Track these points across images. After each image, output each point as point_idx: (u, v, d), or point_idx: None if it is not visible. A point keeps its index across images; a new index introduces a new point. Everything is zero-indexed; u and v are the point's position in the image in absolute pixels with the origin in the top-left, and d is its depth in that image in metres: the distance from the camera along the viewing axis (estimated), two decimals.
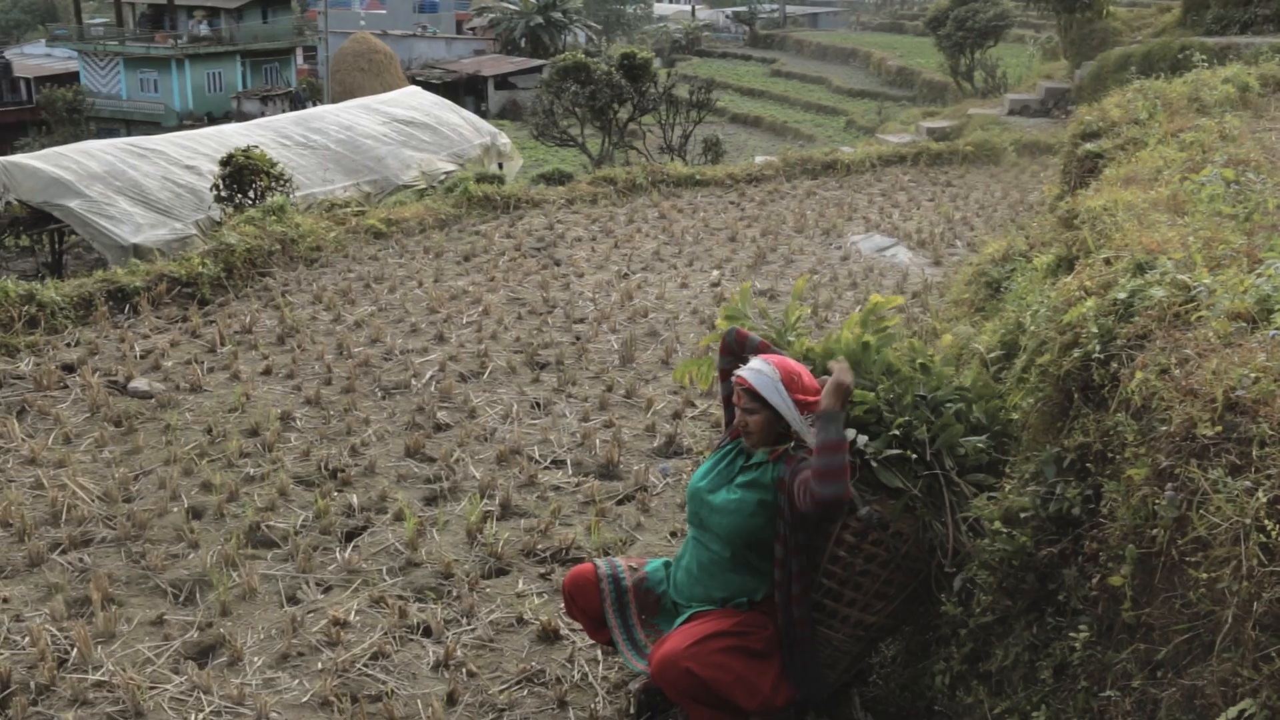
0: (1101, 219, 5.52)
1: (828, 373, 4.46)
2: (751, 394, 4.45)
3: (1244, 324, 3.70)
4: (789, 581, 4.45)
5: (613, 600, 4.74)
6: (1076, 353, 4.25)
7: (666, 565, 4.91)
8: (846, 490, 4.27)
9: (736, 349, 4.82)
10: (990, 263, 9.41)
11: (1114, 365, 4.02)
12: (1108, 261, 4.71)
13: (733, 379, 4.60)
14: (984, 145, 19.34)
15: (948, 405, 4.71)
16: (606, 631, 4.78)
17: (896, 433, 4.49)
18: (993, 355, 5.56)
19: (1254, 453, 3.13)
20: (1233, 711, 2.86)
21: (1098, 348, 4.13)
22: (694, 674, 4.33)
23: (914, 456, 4.45)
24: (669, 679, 4.36)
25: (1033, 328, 4.83)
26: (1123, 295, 4.21)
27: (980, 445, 4.61)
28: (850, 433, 4.41)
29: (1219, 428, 3.30)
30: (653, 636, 4.67)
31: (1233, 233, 4.64)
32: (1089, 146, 8.39)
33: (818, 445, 4.28)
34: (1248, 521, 3.01)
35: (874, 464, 4.44)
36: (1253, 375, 3.31)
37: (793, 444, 4.50)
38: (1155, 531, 3.39)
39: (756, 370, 4.46)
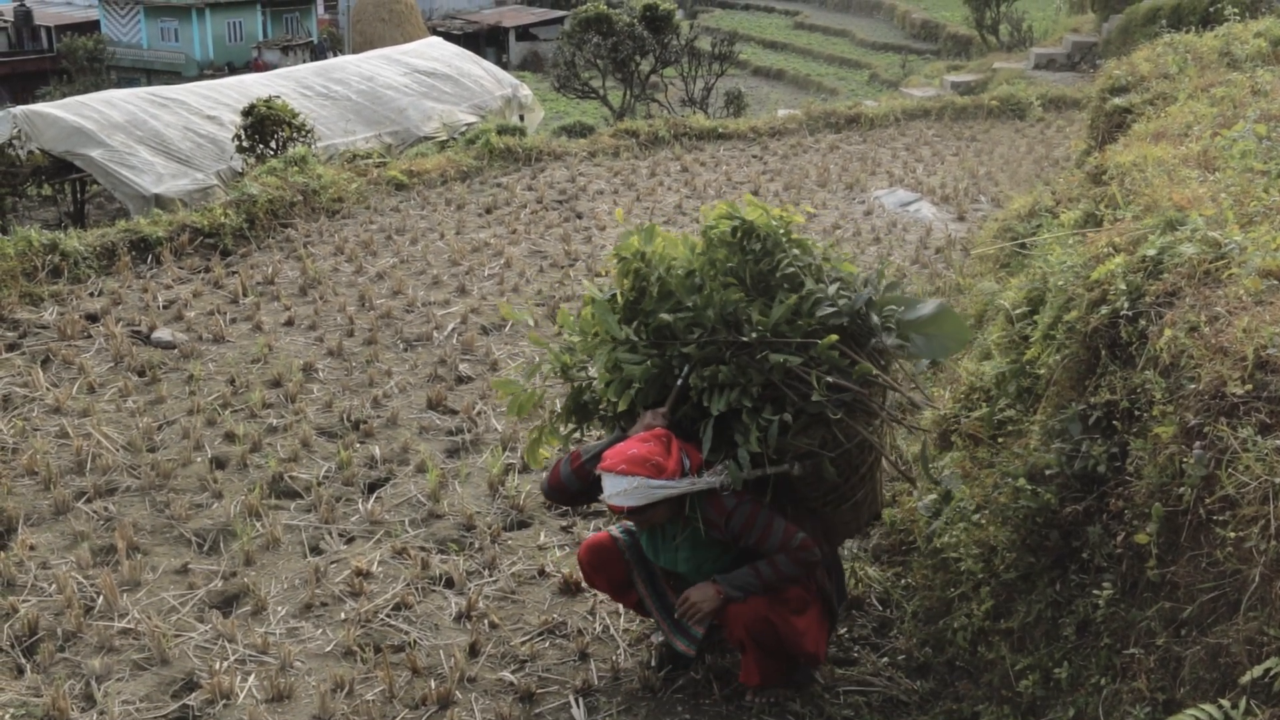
0: (1131, 175, 5.47)
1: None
2: (635, 510, 4.22)
3: (1275, 281, 3.67)
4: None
5: (641, 572, 4.73)
6: (1104, 310, 4.23)
7: None
8: (813, 547, 4.36)
9: (574, 484, 4.58)
10: (1015, 218, 9.34)
11: (1142, 322, 4.00)
12: (1136, 218, 4.67)
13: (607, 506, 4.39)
14: (1009, 100, 19.12)
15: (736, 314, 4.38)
16: (631, 595, 4.79)
17: (759, 434, 4.25)
18: (1018, 312, 5.53)
19: None
20: (1258, 670, 2.85)
21: (1126, 305, 4.11)
22: (771, 623, 4.39)
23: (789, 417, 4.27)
24: (744, 621, 4.41)
25: (1059, 284, 4.80)
26: (1152, 252, 4.18)
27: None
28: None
29: (1249, 386, 3.28)
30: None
31: (1265, 189, 4.59)
32: (1117, 101, 8.30)
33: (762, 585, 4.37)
34: (1277, 481, 3.00)
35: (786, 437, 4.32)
36: None
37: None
38: (1182, 490, 3.38)
39: (622, 492, 4.15)
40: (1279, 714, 2.75)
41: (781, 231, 4.56)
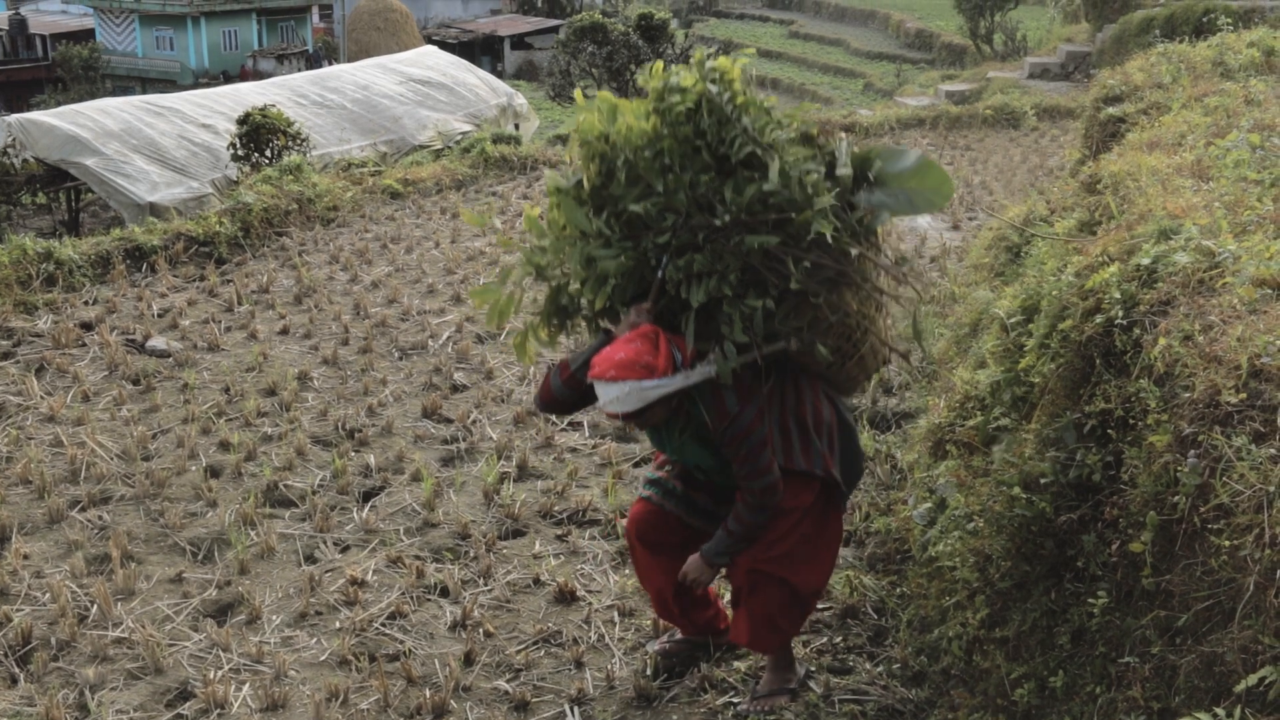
0: (1125, 184, 5.48)
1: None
2: (630, 415, 4.11)
3: (1269, 290, 3.67)
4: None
5: (691, 514, 4.61)
6: (1099, 318, 4.23)
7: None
8: (777, 489, 4.24)
9: (565, 395, 4.44)
10: (1010, 227, 9.35)
11: (1137, 331, 4.00)
12: (1130, 227, 4.68)
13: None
14: (1003, 109, 19.19)
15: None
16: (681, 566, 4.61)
17: (744, 324, 4.06)
18: (1012, 320, 5.53)
19: (1278, 420, 3.12)
20: (1253, 679, 2.85)
21: (1120, 313, 4.11)
22: (761, 571, 4.37)
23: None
24: (743, 568, 4.41)
25: (1054, 292, 4.80)
26: (1146, 261, 4.19)
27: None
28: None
29: (1243, 395, 3.29)
30: None
31: (1259, 198, 4.60)
32: (1111, 111, 8.33)
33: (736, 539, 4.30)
34: (1271, 489, 3.00)
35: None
36: (1278, 342, 3.28)
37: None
38: (1177, 498, 3.38)
39: (615, 399, 4.04)
40: None
41: (729, 103, 4.27)
